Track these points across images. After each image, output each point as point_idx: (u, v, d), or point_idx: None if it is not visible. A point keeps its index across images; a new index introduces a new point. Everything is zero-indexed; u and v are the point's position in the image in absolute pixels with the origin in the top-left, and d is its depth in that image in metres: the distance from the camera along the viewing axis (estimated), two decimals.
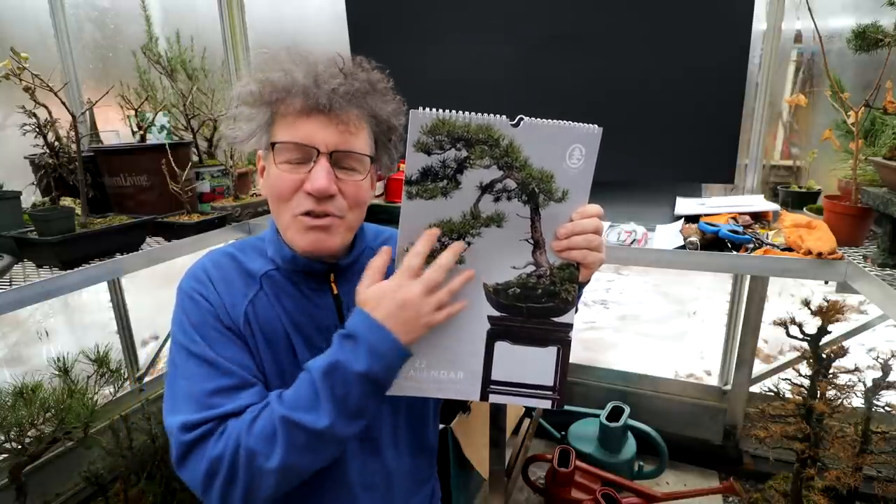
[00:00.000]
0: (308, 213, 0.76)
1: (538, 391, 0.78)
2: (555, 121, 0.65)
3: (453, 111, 0.62)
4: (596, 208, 0.72)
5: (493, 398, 0.78)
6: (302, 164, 0.76)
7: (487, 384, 0.77)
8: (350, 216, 0.80)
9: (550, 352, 0.76)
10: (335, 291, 0.85)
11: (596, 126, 0.66)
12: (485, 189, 0.67)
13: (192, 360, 0.74)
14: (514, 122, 0.64)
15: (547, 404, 0.78)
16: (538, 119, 0.64)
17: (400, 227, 0.69)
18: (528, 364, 0.76)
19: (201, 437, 0.69)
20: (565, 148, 0.66)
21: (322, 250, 0.79)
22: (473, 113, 0.63)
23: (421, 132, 0.63)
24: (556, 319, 0.75)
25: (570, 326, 0.76)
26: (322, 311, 0.84)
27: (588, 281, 0.79)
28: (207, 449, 0.68)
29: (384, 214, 1.70)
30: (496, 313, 0.74)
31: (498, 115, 0.63)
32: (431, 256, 0.70)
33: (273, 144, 0.77)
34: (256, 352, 0.79)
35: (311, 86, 0.74)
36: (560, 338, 0.76)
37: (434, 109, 0.62)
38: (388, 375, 0.70)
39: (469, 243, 0.70)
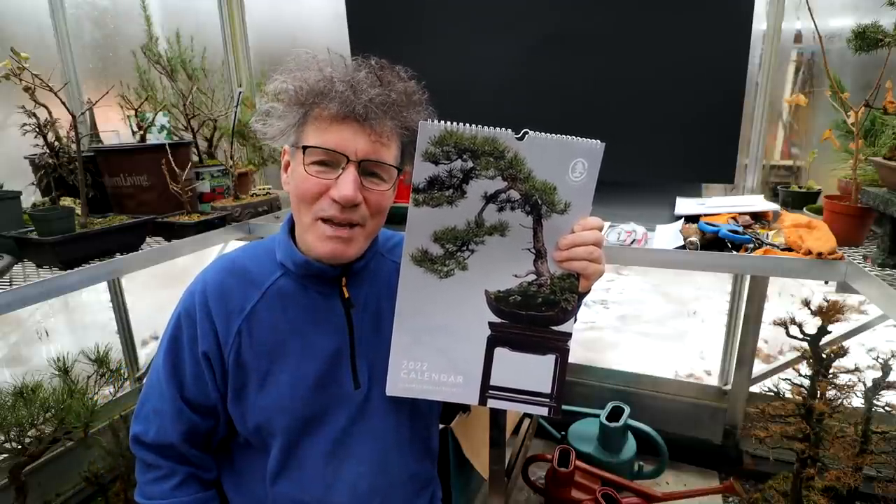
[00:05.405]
0: (330, 220, 0.77)
1: (536, 398, 0.79)
2: (558, 135, 0.66)
3: (460, 124, 0.63)
4: (597, 221, 0.73)
5: (492, 403, 0.79)
6: (330, 168, 0.76)
7: (486, 389, 0.78)
8: (371, 223, 0.81)
9: (549, 360, 0.77)
10: (346, 295, 0.85)
11: (598, 141, 0.67)
12: (489, 199, 0.69)
13: (155, 375, 0.88)
14: (518, 136, 0.65)
15: (544, 411, 0.79)
16: (542, 133, 0.65)
17: (406, 233, 0.70)
18: (527, 371, 0.77)
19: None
20: (568, 162, 0.68)
21: (340, 259, 0.80)
22: (480, 126, 0.64)
23: (429, 143, 0.64)
24: (555, 328, 0.76)
25: (568, 336, 0.77)
26: (329, 314, 0.84)
27: (588, 291, 0.80)
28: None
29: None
30: (497, 320, 0.75)
31: (503, 129, 0.65)
32: (432, 262, 0.72)
33: (304, 148, 0.76)
34: (235, 367, 0.82)
35: (349, 93, 0.73)
36: (559, 346, 0.77)
37: (442, 121, 0.63)
38: None
39: (472, 251, 0.72)
